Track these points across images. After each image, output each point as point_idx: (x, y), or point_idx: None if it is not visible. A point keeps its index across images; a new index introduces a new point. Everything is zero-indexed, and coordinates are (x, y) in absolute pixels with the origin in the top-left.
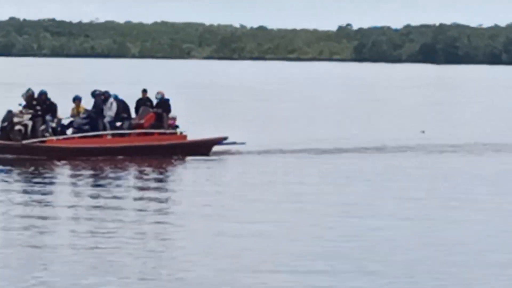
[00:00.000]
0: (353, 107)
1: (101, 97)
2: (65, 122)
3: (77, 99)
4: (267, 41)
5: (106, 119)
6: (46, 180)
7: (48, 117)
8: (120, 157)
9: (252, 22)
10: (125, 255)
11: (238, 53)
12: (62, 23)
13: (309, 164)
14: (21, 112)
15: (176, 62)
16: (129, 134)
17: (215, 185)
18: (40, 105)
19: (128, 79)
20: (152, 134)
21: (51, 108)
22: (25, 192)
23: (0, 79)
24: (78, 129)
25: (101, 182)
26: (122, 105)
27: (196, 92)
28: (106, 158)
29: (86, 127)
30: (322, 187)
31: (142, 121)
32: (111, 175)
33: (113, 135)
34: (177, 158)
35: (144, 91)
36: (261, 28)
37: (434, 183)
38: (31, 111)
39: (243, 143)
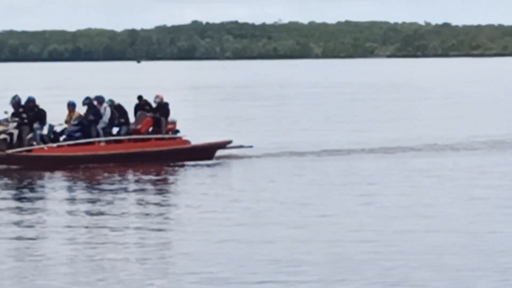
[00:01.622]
0: None
1: (93, 104)
2: (58, 129)
3: (70, 105)
4: (450, 37)
5: (100, 126)
6: (33, 191)
7: (35, 125)
8: (113, 164)
9: (437, 19)
10: (125, 264)
11: (421, 51)
12: (244, 25)
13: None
14: (6, 120)
15: (359, 62)
16: (123, 141)
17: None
18: (26, 112)
19: (311, 79)
20: (149, 139)
21: (40, 116)
22: (12, 202)
23: (183, 83)
24: (69, 137)
25: (94, 190)
26: (119, 110)
27: (378, 92)
28: (99, 166)
29: (78, 134)
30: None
31: (139, 127)
32: (105, 183)
33: (107, 141)
34: (177, 164)
35: (140, 97)
36: (446, 25)
37: None
38: (16, 119)
39: (250, 147)
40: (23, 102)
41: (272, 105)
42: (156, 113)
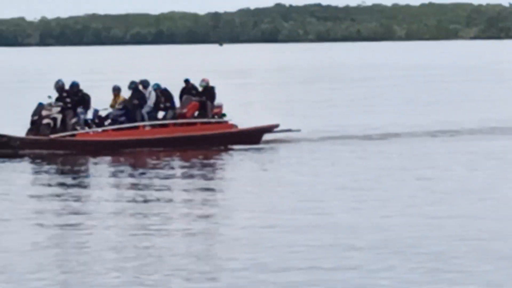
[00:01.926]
0: None
1: (138, 88)
2: (103, 114)
3: (115, 89)
4: None
5: (145, 110)
6: (77, 176)
7: (79, 110)
8: (158, 149)
9: None
10: (170, 251)
11: (505, 33)
12: (328, 7)
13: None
14: (50, 105)
15: (442, 44)
16: (168, 125)
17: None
18: (70, 97)
19: (393, 61)
20: (194, 124)
21: (83, 100)
22: (57, 187)
23: (265, 65)
24: (113, 121)
25: (139, 175)
26: (165, 95)
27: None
28: (143, 151)
29: (122, 118)
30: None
31: (184, 111)
32: (150, 168)
33: (152, 126)
34: (223, 149)
35: (187, 81)
36: None
37: None
38: (60, 103)
39: (298, 131)
40: (67, 86)
41: (348, 87)
42: (202, 97)
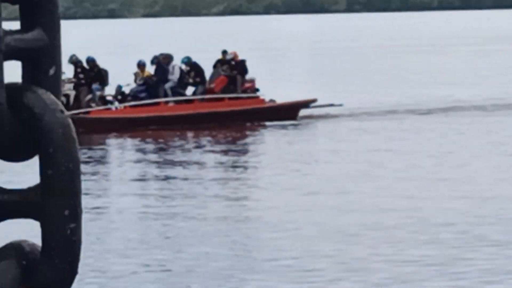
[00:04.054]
0: None
1: (160, 63)
2: (126, 90)
3: (141, 65)
4: None
5: (168, 85)
6: (89, 156)
7: (95, 86)
8: (184, 126)
9: None
10: (197, 232)
11: None
12: None
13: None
14: (62, 81)
15: None
16: (193, 101)
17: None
18: (85, 73)
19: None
20: (222, 99)
21: (100, 76)
22: None
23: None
24: (133, 97)
25: (157, 154)
26: (195, 69)
27: None
28: (164, 128)
29: (143, 94)
30: None
31: (212, 86)
32: (169, 147)
33: (176, 102)
34: (256, 125)
35: (224, 52)
36: None
37: None
38: (74, 79)
39: (340, 105)
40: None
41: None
42: (233, 71)
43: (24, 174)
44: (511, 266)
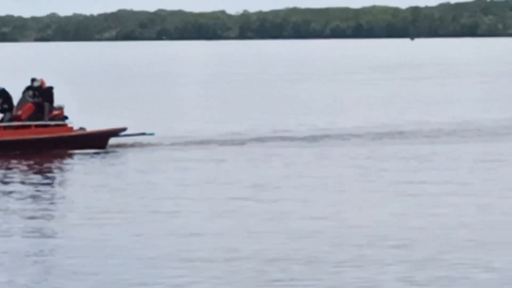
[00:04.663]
0: None
1: None
2: None
3: None
4: None
5: None
6: None
7: None
8: None
9: None
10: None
11: None
12: None
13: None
14: None
15: None
16: None
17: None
18: None
19: None
20: (29, 126)
21: None
22: None
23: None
24: None
25: None
26: (3, 96)
27: None
28: None
29: None
30: None
31: (19, 113)
32: None
33: None
34: (63, 153)
35: (33, 80)
36: None
37: None
38: None
39: (151, 134)
40: None
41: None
42: (39, 98)
43: None
44: None
